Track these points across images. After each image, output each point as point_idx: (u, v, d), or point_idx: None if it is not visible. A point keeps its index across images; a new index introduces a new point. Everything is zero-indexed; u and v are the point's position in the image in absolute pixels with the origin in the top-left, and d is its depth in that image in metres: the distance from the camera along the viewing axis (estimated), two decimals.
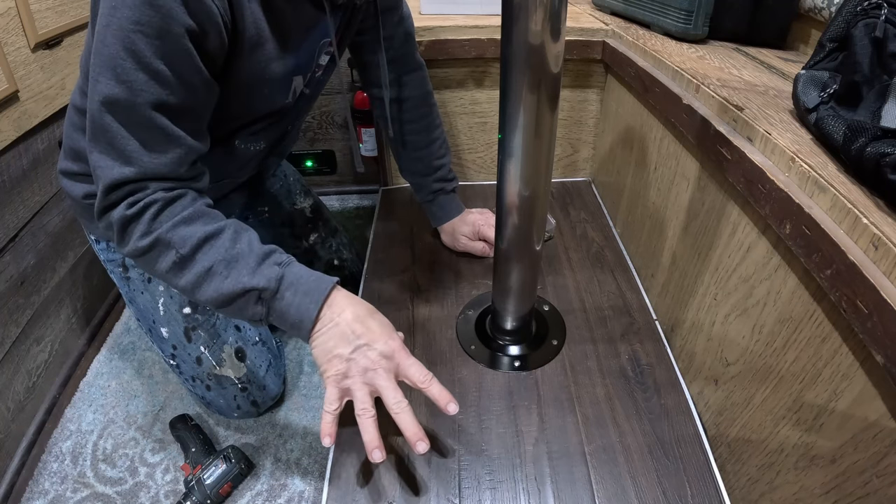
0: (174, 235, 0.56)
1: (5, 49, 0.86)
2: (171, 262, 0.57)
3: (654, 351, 0.81)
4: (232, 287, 0.57)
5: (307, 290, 0.59)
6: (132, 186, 0.55)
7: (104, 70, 0.51)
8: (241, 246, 0.59)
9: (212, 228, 0.58)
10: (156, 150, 0.55)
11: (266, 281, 0.57)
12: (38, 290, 0.98)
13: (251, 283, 0.57)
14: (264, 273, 0.58)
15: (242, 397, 0.91)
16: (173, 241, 0.56)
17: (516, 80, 0.55)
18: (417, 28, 1.03)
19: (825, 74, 0.58)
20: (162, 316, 0.86)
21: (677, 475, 0.65)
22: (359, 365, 0.58)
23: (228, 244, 0.58)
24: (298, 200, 1.10)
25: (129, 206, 0.56)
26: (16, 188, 0.92)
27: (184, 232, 0.56)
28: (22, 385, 0.94)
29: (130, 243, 0.57)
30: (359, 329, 0.59)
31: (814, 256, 0.48)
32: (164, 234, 0.56)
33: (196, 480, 0.83)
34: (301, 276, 0.60)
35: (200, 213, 0.58)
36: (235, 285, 0.57)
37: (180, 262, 0.57)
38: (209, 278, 0.57)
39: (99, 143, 0.54)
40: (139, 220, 0.56)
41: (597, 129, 1.22)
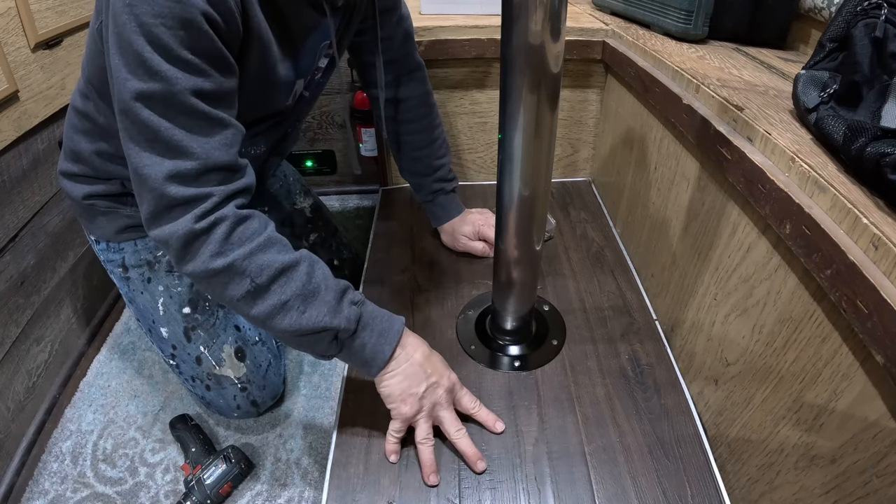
0: (251, 263, 0.55)
1: (5, 49, 0.86)
2: (245, 290, 0.55)
3: (654, 351, 0.81)
4: (310, 324, 0.57)
5: (382, 331, 0.63)
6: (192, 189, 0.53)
7: (134, 67, 0.50)
8: (317, 280, 0.59)
9: (288, 259, 0.57)
10: (203, 135, 0.53)
11: (346, 322, 0.59)
12: (38, 290, 0.98)
13: (332, 323, 0.58)
14: (343, 313, 0.59)
15: (242, 397, 0.91)
16: (250, 269, 0.55)
17: (516, 80, 0.55)
18: (417, 28, 1.03)
19: (825, 74, 0.58)
20: (161, 316, 0.86)
21: (677, 475, 0.65)
22: (429, 401, 0.65)
23: (305, 278, 0.58)
24: (298, 200, 1.10)
25: (197, 218, 0.53)
26: (16, 188, 0.92)
27: (261, 260, 0.55)
28: (22, 385, 0.94)
29: (199, 262, 0.54)
30: (428, 369, 0.65)
31: (814, 256, 0.48)
32: (239, 260, 0.54)
33: (196, 480, 0.83)
34: (375, 316, 0.63)
35: (274, 239, 0.58)
36: (315, 323, 0.57)
37: (255, 291, 0.56)
38: (285, 312, 0.57)
39: (141, 140, 0.52)
40: (209, 236, 0.54)
41: (597, 129, 1.22)
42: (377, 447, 0.69)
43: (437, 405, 0.65)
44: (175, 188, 0.52)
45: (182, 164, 0.52)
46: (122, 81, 0.50)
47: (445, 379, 0.66)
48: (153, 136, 0.52)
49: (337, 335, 0.59)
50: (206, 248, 0.54)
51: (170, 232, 0.53)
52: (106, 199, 0.79)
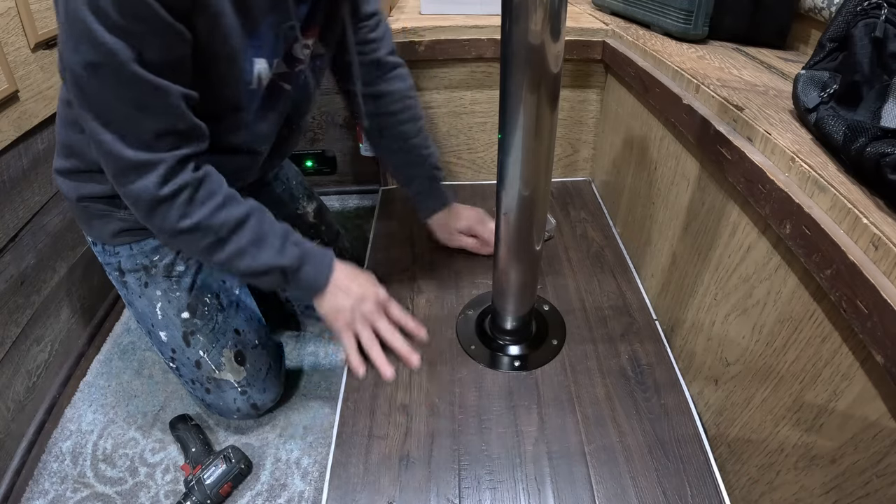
0: (213, 221, 0.64)
1: (5, 49, 0.86)
2: (209, 242, 0.65)
3: (654, 351, 0.81)
4: (263, 264, 0.69)
5: (317, 264, 0.75)
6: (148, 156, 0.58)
7: (79, 38, 0.52)
8: (265, 227, 0.70)
9: (242, 212, 0.67)
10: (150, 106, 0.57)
11: (290, 260, 0.71)
12: (38, 290, 0.98)
13: (280, 262, 0.70)
14: (288, 253, 0.71)
15: (242, 400, 0.91)
16: (213, 226, 0.65)
17: (516, 80, 0.55)
18: (417, 28, 1.03)
19: (825, 74, 0.58)
20: (160, 320, 0.86)
21: (677, 475, 0.65)
22: (359, 312, 0.76)
23: (257, 226, 0.69)
24: (301, 205, 1.09)
25: (161, 183, 0.59)
26: (16, 188, 0.92)
27: (222, 217, 0.65)
28: (22, 385, 0.94)
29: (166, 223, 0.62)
30: (355, 288, 0.76)
31: (814, 256, 0.48)
32: (205, 220, 0.64)
33: (196, 480, 0.83)
34: (313, 252, 0.75)
35: (229, 196, 0.67)
36: (266, 263, 0.69)
37: (217, 242, 0.66)
38: (241, 256, 0.68)
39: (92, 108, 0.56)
40: (174, 201, 0.61)
41: (597, 129, 1.22)
42: (377, 447, 0.69)
43: (368, 314, 0.76)
44: (129, 152, 0.57)
45: (132, 131, 0.57)
46: (70, 52, 0.53)
47: (371, 293, 0.77)
48: (102, 105, 0.55)
49: (284, 270, 0.71)
50: (172, 211, 0.62)
51: (136, 195, 0.60)
52: (99, 201, 0.79)
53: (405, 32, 1.03)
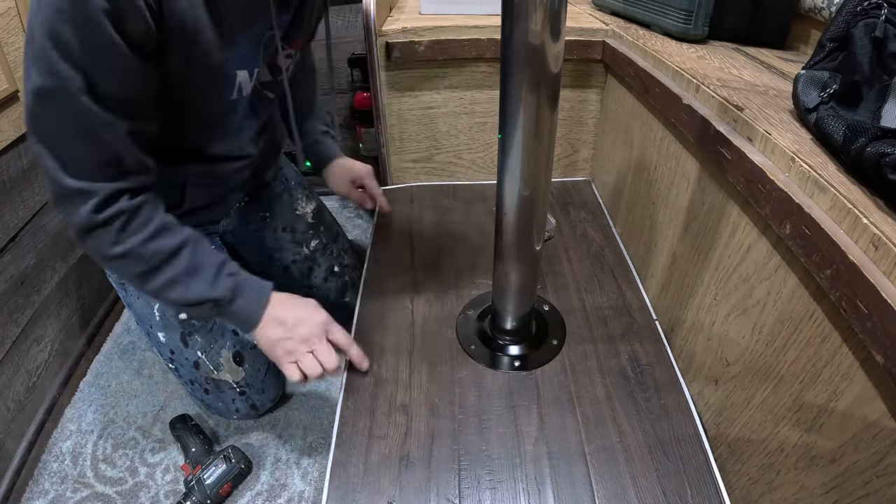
0: (145, 250, 0.63)
1: (5, 49, 0.86)
2: (140, 270, 0.65)
3: (654, 351, 0.81)
4: (194, 296, 0.67)
5: (253, 297, 0.72)
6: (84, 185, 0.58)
7: (35, 61, 0.52)
8: (200, 258, 0.68)
9: (176, 242, 0.66)
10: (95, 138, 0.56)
11: (223, 292, 0.69)
12: (38, 290, 0.98)
13: (212, 294, 0.68)
14: (221, 285, 0.69)
15: (241, 401, 0.91)
16: (145, 255, 0.64)
17: (516, 80, 0.55)
18: (417, 28, 1.03)
19: (825, 74, 0.58)
20: (158, 322, 0.86)
21: (677, 475, 0.65)
22: (298, 343, 0.73)
23: (190, 257, 0.67)
24: (300, 206, 1.09)
25: (96, 209, 0.59)
26: (16, 188, 0.92)
27: (154, 246, 0.64)
28: (22, 385, 0.94)
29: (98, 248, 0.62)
30: (290, 317, 0.73)
31: (814, 256, 0.48)
32: (137, 248, 0.63)
33: (196, 480, 0.83)
34: (248, 284, 0.72)
35: (164, 226, 0.65)
36: (198, 295, 0.67)
37: (148, 272, 0.65)
38: (173, 287, 0.66)
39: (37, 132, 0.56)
40: (108, 228, 0.61)
41: (597, 129, 1.22)
42: (377, 447, 0.69)
43: (305, 338, 0.73)
44: (69, 180, 0.57)
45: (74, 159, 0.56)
46: (26, 73, 0.53)
47: (307, 319, 0.74)
48: (48, 130, 0.55)
49: (217, 302, 0.69)
50: (105, 237, 0.61)
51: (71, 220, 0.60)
52: None
53: (405, 32, 1.03)
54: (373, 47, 1.03)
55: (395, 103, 1.14)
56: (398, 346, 0.83)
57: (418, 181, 1.26)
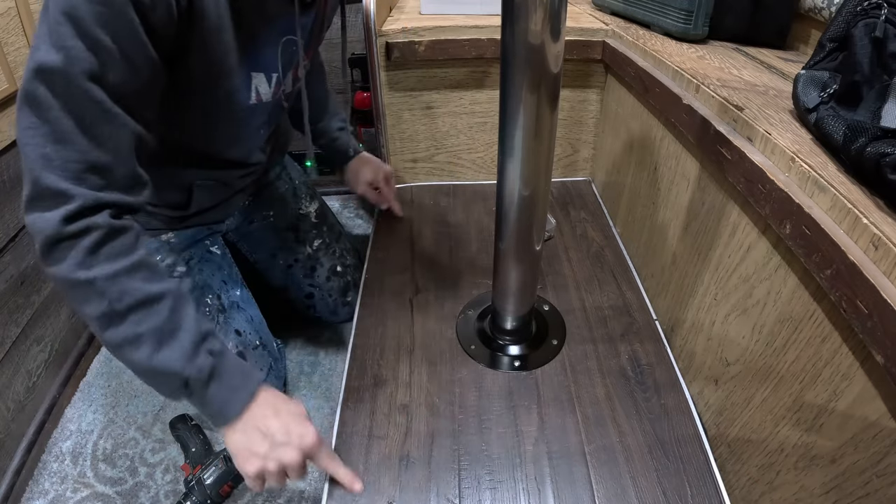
0: (112, 285, 0.51)
1: (5, 49, 0.86)
2: (101, 312, 0.52)
3: (654, 351, 0.81)
4: (161, 366, 0.54)
5: (234, 386, 0.59)
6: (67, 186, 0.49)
7: (44, 37, 0.47)
8: (179, 319, 0.55)
9: (154, 291, 0.54)
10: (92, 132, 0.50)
11: (198, 371, 0.55)
12: (38, 290, 0.98)
13: (183, 369, 0.55)
14: (198, 362, 0.55)
15: None
16: (109, 291, 0.51)
17: (516, 80, 0.55)
18: (417, 28, 1.03)
19: (825, 74, 0.58)
20: None
21: (677, 475, 0.65)
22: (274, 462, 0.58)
23: (167, 314, 0.54)
24: (304, 205, 1.09)
25: (66, 220, 0.49)
26: (16, 188, 0.92)
27: (124, 284, 0.52)
28: (22, 385, 0.94)
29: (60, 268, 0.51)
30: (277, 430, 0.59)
31: (814, 256, 0.48)
32: (101, 279, 0.51)
33: (196, 480, 0.83)
34: (231, 369, 0.59)
35: (144, 264, 0.54)
36: (166, 366, 0.54)
37: (110, 315, 0.52)
38: (136, 345, 0.53)
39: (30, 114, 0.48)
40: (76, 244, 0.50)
41: (597, 129, 1.22)
42: (377, 447, 0.69)
43: (283, 465, 0.59)
44: (48, 176, 0.49)
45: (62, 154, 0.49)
46: (33, 50, 0.47)
47: (296, 440, 0.59)
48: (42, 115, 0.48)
49: (187, 382, 0.55)
50: (71, 255, 0.50)
51: (39, 227, 0.50)
52: None
53: (405, 32, 1.03)
54: (373, 47, 1.03)
55: (395, 103, 1.14)
56: (398, 346, 0.83)
57: (418, 181, 1.26)
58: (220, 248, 0.95)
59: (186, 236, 0.88)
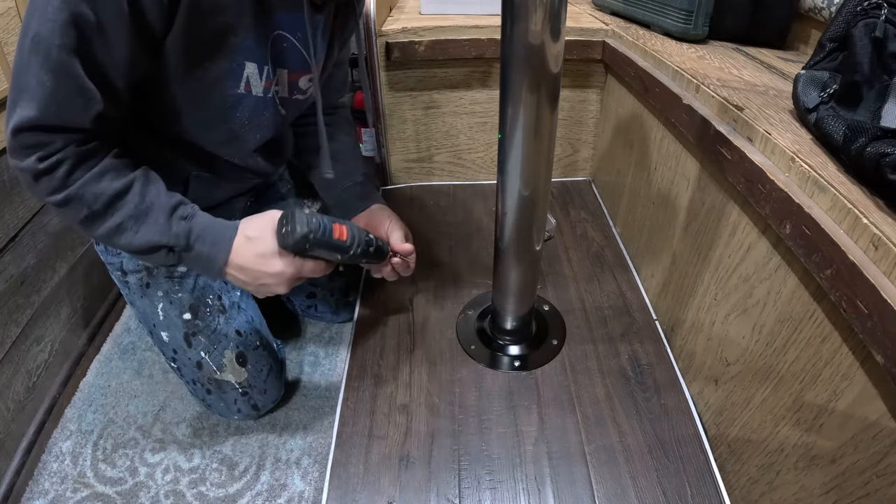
0: (86, 192, 0.59)
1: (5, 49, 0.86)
2: (83, 216, 0.61)
3: (654, 351, 0.81)
4: (143, 243, 0.63)
5: (214, 241, 0.66)
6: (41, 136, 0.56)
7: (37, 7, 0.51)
8: (149, 201, 0.63)
9: (121, 185, 0.61)
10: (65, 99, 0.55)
11: (177, 238, 0.64)
12: (38, 290, 0.98)
13: (161, 240, 0.63)
14: (174, 230, 0.64)
15: (243, 401, 0.90)
16: (85, 197, 0.60)
17: (516, 80, 0.55)
18: (417, 28, 1.03)
19: (825, 74, 0.58)
20: (161, 321, 0.86)
21: (677, 475, 0.65)
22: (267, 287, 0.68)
23: (138, 199, 0.62)
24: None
25: (40, 159, 0.57)
26: (16, 188, 0.92)
27: (95, 189, 0.60)
28: (22, 385, 0.94)
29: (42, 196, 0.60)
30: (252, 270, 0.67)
31: (814, 256, 0.48)
32: (75, 190, 0.59)
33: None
34: (207, 227, 0.66)
35: (110, 166, 0.61)
36: (148, 241, 0.63)
37: (91, 216, 0.61)
38: (120, 232, 0.62)
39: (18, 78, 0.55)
40: (52, 175, 0.58)
41: (597, 129, 1.22)
42: (377, 447, 0.69)
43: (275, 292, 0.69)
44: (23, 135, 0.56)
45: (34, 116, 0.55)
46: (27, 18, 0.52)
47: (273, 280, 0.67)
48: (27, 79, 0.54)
49: (172, 249, 0.64)
50: (49, 184, 0.58)
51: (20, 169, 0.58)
52: None
53: (405, 32, 1.03)
54: (373, 47, 1.03)
55: (395, 103, 1.14)
56: (398, 346, 0.83)
57: (418, 181, 1.26)
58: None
59: None
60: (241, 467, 0.90)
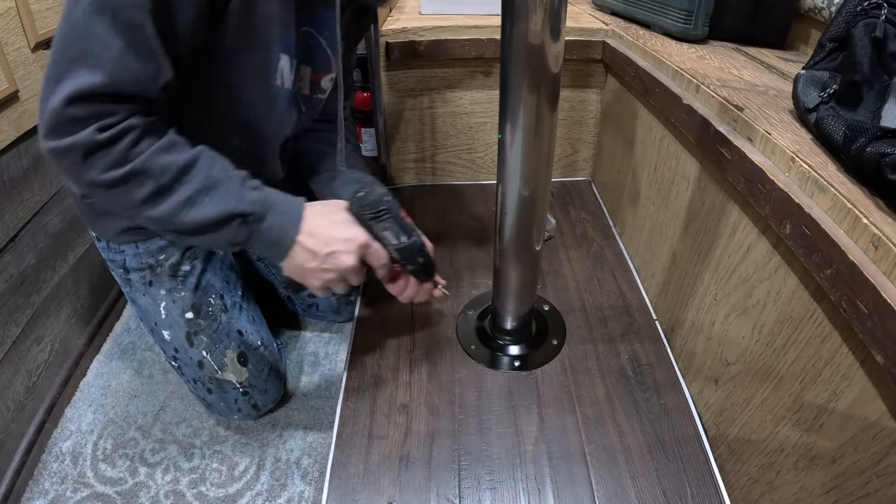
0: (153, 164, 0.55)
1: (5, 49, 0.86)
2: (149, 191, 0.56)
3: (654, 351, 0.81)
4: (217, 213, 0.58)
5: (285, 211, 0.63)
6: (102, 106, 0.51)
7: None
8: (218, 172, 0.60)
9: (189, 156, 0.58)
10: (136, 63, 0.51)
11: (252, 205, 0.60)
12: (38, 290, 0.98)
13: (238, 207, 0.59)
14: (249, 197, 0.60)
15: (243, 401, 0.91)
16: (152, 169, 0.55)
17: (516, 80, 0.55)
18: (417, 28, 1.03)
19: (825, 74, 0.58)
20: (164, 319, 0.86)
21: (677, 475, 0.65)
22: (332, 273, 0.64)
23: (207, 170, 0.59)
24: None
25: (100, 129, 0.52)
26: (16, 188, 0.92)
27: (162, 160, 0.55)
28: (22, 385, 0.94)
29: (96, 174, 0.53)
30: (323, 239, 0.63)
31: (814, 256, 0.48)
32: (141, 163, 0.54)
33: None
34: (277, 198, 0.63)
35: (174, 140, 0.58)
36: (223, 210, 0.58)
37: (158, 192, 0.56)
38: (189, 206, 0.58)
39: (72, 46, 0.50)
40: (113, 147, 0.53)
41: (597, 129, 1.22)
42: (377, 447, 0.69)
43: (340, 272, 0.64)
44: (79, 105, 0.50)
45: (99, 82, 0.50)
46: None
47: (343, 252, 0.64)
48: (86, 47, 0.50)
49: (245, 219, 0.60)
50: (107, 158, 0.53)
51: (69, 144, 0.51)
52: None
53: (405, 32, 1.03)
54: (373, 47, 1.03)
55: (396, 103, 1.14)
56: (398, 346, 0.83)
57: (418, 181, 1.26)
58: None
59: None
60: (241, 467, 0.90)
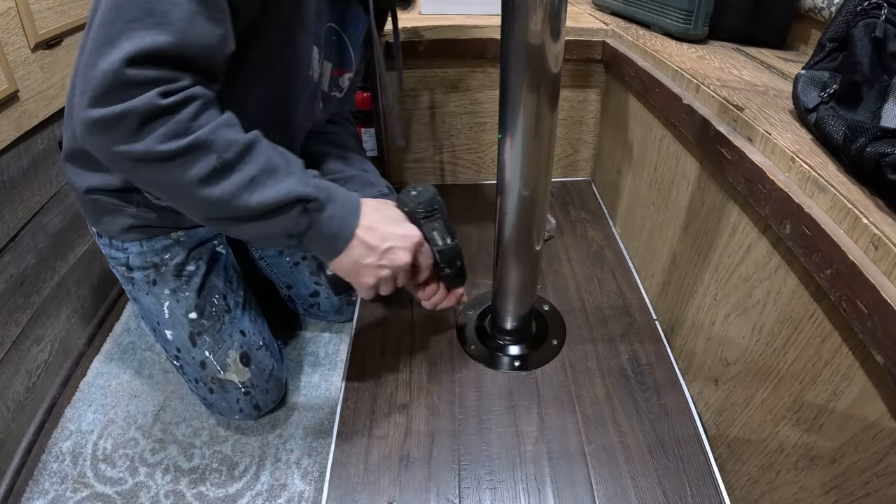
0: (217, 137, 0.50)
1: (5, 49, 0.86)
2: (210, 168, 0.50)
3: (654, 351, 0.81)
4: (282, 195, 0.53)
5: (344, 202, 0.60)
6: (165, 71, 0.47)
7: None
8: (279, 155, 0.56)
9: (250, 136, 0.54)
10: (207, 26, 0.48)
11: (316, 190, 0.56)
12: (38, 290, 0.98)
13: (304, 191, 0.55)
14: (313, 182, 0.56)
15: (245, 401, 0.91)
16: (216, 143, 0.50)
17: (516, 80, 0.55)
18: (417, 28, 1.03)
19: (825, 74, 0.58)
20: (167, 319, 0.86)
21: (677, 475, 0.65)
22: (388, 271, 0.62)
23: (269, 152, 0.55)
24: None
25: (163, 94, 0.47)
26: (16, 188, 0.92)
27: (226, 135, 0.51)
28: (22, 385, 0.94)
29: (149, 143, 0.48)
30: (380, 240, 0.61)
31: (814, 256, 0.48)
32: (206, 134, 0.49)
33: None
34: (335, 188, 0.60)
35: (234, 120, 0.54)
36: (287, 193, 0.54)
37: (221, 168, 0.51)
38: (252, 188, 0.53)
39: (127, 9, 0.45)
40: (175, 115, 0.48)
41: (597, 129, 1.22)
42: (377, 447, 0.69)
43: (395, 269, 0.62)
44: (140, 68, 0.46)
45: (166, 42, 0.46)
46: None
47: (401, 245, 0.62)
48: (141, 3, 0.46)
49: (307, 206, 0.56)
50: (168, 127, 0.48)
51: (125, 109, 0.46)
52: (109, 194, 0.78)
53: (405, 32, 1.03)
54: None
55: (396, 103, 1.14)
56: (398, 346, 0.83)
57: (418, 181, 1.26)
58: (226, 248, 0.95)
59: (196, 235, 0.88)
60: (241, 467, 0.90)
